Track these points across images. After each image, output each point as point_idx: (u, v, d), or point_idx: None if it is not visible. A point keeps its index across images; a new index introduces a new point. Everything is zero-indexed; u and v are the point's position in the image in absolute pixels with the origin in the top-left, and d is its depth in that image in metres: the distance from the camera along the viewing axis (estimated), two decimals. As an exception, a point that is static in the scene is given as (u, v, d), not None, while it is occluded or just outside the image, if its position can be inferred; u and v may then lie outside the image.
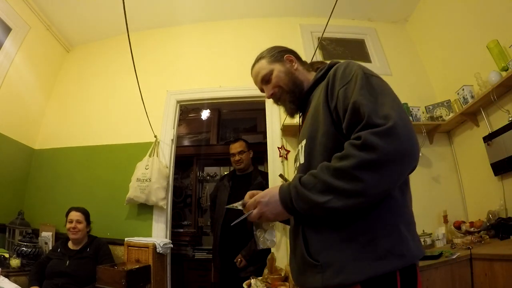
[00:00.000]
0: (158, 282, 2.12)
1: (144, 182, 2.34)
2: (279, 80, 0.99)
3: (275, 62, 1.01)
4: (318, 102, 0.84)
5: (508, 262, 1.30)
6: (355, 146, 0.66)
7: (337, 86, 0.78)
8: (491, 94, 1.82)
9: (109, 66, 3.04)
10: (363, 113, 0.68)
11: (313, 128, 0.83)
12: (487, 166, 1.98)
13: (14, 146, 2.62)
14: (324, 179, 0.69)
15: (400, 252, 0.67)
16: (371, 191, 0.65)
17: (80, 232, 2.06)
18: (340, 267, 0.68)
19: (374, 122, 0.66)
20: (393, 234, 0.69)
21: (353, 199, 0.66)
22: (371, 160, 0.64)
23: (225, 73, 2.82)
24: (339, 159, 0.69)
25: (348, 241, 0.70)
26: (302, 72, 1.02)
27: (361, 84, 0.73)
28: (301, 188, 0.72)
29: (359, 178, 0.64)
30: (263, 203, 0.79)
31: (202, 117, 4.49)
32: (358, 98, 0.71)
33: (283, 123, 2.44)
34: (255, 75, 1.05)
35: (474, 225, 1.88)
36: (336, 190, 0.67)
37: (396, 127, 0.64)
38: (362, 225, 0.70)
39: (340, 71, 0.81)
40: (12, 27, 2.56)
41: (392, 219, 0.71)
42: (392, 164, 0.64)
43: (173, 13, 2.94)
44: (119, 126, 2.76)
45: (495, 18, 1.95)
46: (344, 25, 2.90)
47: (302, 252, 0.77)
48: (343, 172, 0.67)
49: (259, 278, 1.84)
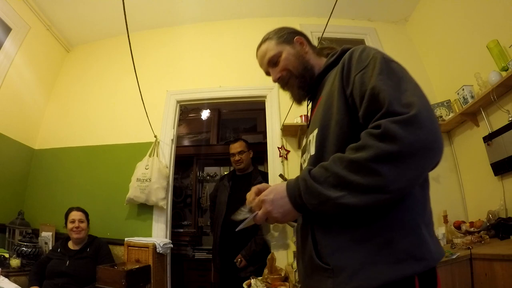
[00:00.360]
0: (158, 282, 2.12)
1: (144, 182, 2.34)
2: (288, 63, 0.91)
3: (284, 43, 0.93)
4: (332, 89, 0.77)
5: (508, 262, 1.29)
6: (373, 136, 0.59)
7: (353, 71, 0.72)
8: (491, 94, 1.82)
9: (109, 66, 3.05)
10: (383, 100, 0.61)
11: (326, 117, 0.75)
12: (487, 166, 1.98)
13: (14, 146, 2.62)
14: (337, 172, 0.62)
15: (420, 255, 0.61)
16: (391, 186, 0.58)
17: (83, 231, 2.07)
18: (353, 272, 0.62)
19: (396, 110, 0.59)
20: (412, 235, 0.62)
21: (370, 195, 0.59)
22: (392, 151, 0.56)
23: (225, 73, 2.82)
24: (354, 150, 0.62)
25: (363, 242, 0.63)
26: (313, 56, 0.94)
27: (380, 69, 0.66)
28: (311, 181, 0.65)
29: (377, 171, 0.57)
30: (268, 201, 0.70)
31: (202, 117, 4.49)
32: (377, 84, 0.64)
33: (283, 123, 2.44)
34: (261, 56, 0.97)
35: (474, 225, 1.87)
36: (350, 185, 0.60)
37: (420, 116, 0.57)
38: (378, 225, 0.63)
39: (356, 55, 0.74)
40: (12, 27, 2.56)
41: (412, 218, 0.64)
42: (415, 157, 0.57)
43: (173, 13, 2.94)
44: (119, 126, 2.76)
45: (495, 18, 1.94)
46: (344, 25, 2.90)
47: (311, 254, 0.70)
48: (359, 164, 0.59)
49: (259, 278, 1.85)
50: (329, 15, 1.49)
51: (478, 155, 2.08)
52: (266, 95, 2.67)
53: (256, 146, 3.12)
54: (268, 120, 2.63)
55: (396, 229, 0.62)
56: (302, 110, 2.37)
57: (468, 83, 2.09)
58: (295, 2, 2.83)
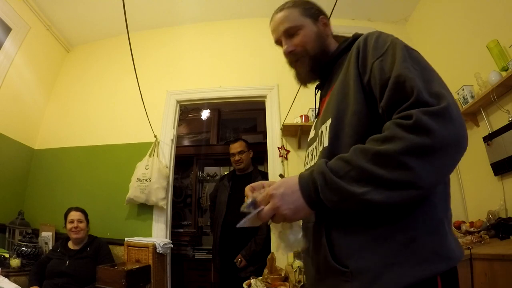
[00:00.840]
0: (158, 282, 2.12)
1: (144, 182, 2.34)
2: (308, 40, 0.83)
3: (309, 17, 0.85)
4: (347, 76, 0.72)
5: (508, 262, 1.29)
6: (403, 127, 0.54)
7: (370, 57, 0.67)
8: (491, 94, 1.82)
9: (109, 66, 3.05)
10: (411, 89, 0.57)
11: (342, 106, 0.69)
12: (487, 166, 1.98)
13: (14, 146, 2.63)
14: (361, 165, 0.56)
15: (445, 254, 0.57)
16: (422, 182, 0.53)
17: (82, 231, 2.07)
18: (375, 274, 0.57)
19: (425, 99, 0.55)
20: (436, 233, 0.58)
21: (398, 191, 0.54)
22: (424, 145, 0.52)
23: (225, 73, 2.82)
24: (380, 141, 0.57)
25: (384, 241, 0.58)
26: (332, 41, 0.88)
27: (403, 56, 0.62)
28: (331, 174, 0.58)
29: (408, 165, 0.52)
30: (277, 196, 0.61)
31: (202, 117, 4.49)
32: (403, 71, 0.59)
33: (283, 123, 2.43)
34: (278, 21, 0.86)
35: (474, 225, 1.87)
36: (377, 180, 0.54)
37: (451, 109, 0.54)
38: (400, 222, 0.58)
39: (372, 41, 0.69)
40: (12, 27, 2.56)
41: (436, 215, 0.60)
42: (447, 152, 0.53)
43: (173, 13, 2.94)
44: (119, 126, 2.76)
45: (495, 18, 1.94)
46: (344, 25, 2.90)
47: (326, 255, 0.63)
48: (388, 157, 0.54)
49: (259, 278, 1.85)
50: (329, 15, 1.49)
51: (478, 155, 2.08)
52: (266, 95, 2.67)
53: (256, 146, 3.12)
54: (268, 120, 2.63)
55: (420, 226, 0.58)
56: (302, 110, 2.37)
57: (468, 83, 2.08)
58: (295, 2, 2.83)
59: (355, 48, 0.72)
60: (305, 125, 2.33)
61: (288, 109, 2.29)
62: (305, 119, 2.37)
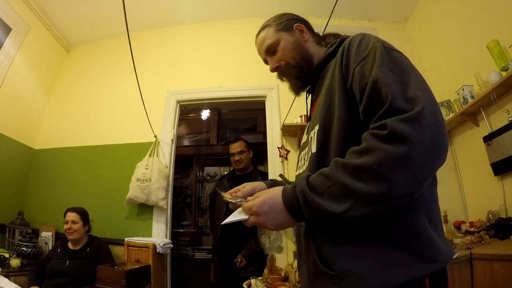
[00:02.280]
0: (158, 282, 2.12)
1: (144, 182, 2.34)
2: (286, 52, 0.86)
3: (283, 31, 0.88)
4: (332, 81, 0.73)
5: (508, 262, 1.29)
6: (379, 138, 0.54)
7: (352, 62, 0.67)
8: (491, 94, 1.82)
9: (109, 66, 3.05)
10: (385, 95, 0.57)
11: (328, 112, 0.70)
12: (487, 166, 1.98)
13: (14, 146, 2.62)
14: (341, 180, 0.57)
15: (430, 257, 0.58)
16: (402, 192, 0.53)
17: (76, 232, 2.04)
18: (360, 277, 0.58)
19: (399, 106, 0.55)
20: (421, 236, 0.59)
21: (379, 204, 0.54)
22: (402, 154, 0.52)
23: (225, 73, 2.82)
24: (359, 154, 0.57)
25: (369, 245, 0.59)
26: (313, 45, 0.89)
27: (381, 59, 0.62)
28: (310, 194, 0.59)
29: (388, 177, 0.52)
30: (261, 214, 0.64)
31: (202, 117, 4.49)
32: (379, 76, 0.59)
33: (283, 123, 2.44)
34: (259, 44, 0.92)
35: (474, 225, 1.87)
36: (356, 194, 0.55)
37: (425, 112, 0.53)
38: (385, 226, 0.59)
39: (354, 45, 0.69)
40: (12, 27, 2.56)
41: (420, 218, 0.60)
42: (426, 157, 0.53)
43: (173, 13, 2.94)
44: (119, 126, 2.76)
45: (495, 18, 1.94)
46: (344, 25, 2.90)
47: (314, 259, 0.66)
48: (366, 170, 0.54)
49: (259, 278, 1.85)
50: (329, 15, 1.49)
51: (478, 155, 2.08)
52: (266, 95, 2.67)
53: (256, 146, 3.12)
54: (268, 120, 2.63)
55: (404, 230, 0.59)
56: (302, 110, 2.37)
57: (468, 83, 2.08)
58: (295, 2, 2.82)
59: (340, 53, 0.73)
60: (305, 125, 2.32)
61: (288, 109, 2.29)
62: (305, 119, 2.37)
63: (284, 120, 2.43)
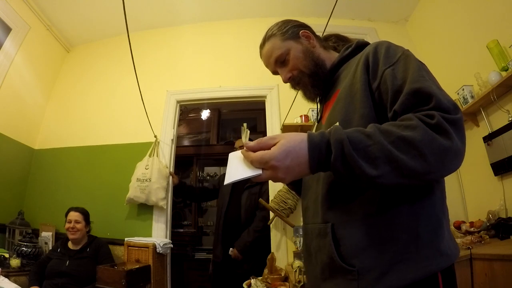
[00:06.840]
0: (158, 282, 2.12)
1: (144, 182, 2.34)
2: (298, 61, 0.85)
3: (290, 39, 0.86)
4: (353, 82, 0.73)
5: (508, 262, 1.29)
6: (426, 123, 0.56)
7: (381, 65, 0.69)
8: (491, 94, 1.82)
9: (109, 66, 3.05)
10: (429, 94, 0.59)
11: (349, 110, 0.71)
12: (487, 166, 1.98)
13: (14, 146, 2.62)
14: (383, 144, 0.55)
15: (445, 250, 0.60)
16: (429, 176, 0.56)
17: (78, 232, 2.05)
18: (382, 272, 0.58)
19: (445, 105, 0.57)
20: (437, 230, 0.61)
21: (411, 179, 0.55)
22: (444, 145, 0.54)
23: (225, 73, 2.82)
24: (403, 127, 0.56)
25: (390, 240, 0.60)
26: (321, 50, 0.89)
27: (417, 66, 0.65)
28: (350, 147, 0.55)
29: (428, 160, 0.54)
30: (281, 169, 0.57)
31: (202, 117, 4.49)
32: (419, 80, 0.62)
33: (283, 123, 2.44)
34: (267, 56, 0.89)
35: (474, 225, 1.87)
36: (396, 163, 0.54)
37: (462, 121, 0.57)
38: (405, 221, 0.61)
39: (382, 50, 0.72)
40: (12, 27, 2.56)
41: (436, 214, 0.63)
42: (456, 157, 0.56)
43: (173, 13, 2.94)
44: (119, 126, 2.76)
45: (495, 18, 1.94)
46: (344, 25, 2.90)
47: (331, 254, 0.64)
48: (411, 144, 0.54)
49: (259, 278, 1.85)
50: (329, 15, 1.49)
51: (478, 155, 2.08)
52: (266, 95, 2.67)
53: (256, 146, 3.12)
54: (268, 120, 2.63)
55: (423, 224, 0.61)
56: (302, 110, 2.37)
57: (468, 83, 2.08)
58: (295, 2, 2.83)
59: (364, 55, 0.74)
60: (305, 125, 2.33)
61: (288, 109, 2.29)
62: (305, 119, 2.37)
63: (284, 120, 2.43)
